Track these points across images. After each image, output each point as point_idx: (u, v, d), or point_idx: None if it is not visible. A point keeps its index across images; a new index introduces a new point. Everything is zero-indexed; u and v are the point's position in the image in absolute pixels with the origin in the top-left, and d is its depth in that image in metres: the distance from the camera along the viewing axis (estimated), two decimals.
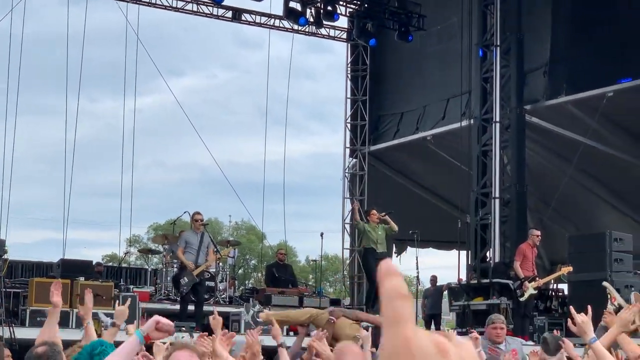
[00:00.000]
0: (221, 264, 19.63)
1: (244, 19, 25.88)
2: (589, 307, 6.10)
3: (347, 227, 27.05)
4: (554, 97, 21.80)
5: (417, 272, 20.11)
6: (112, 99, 79.88)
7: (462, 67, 22.04)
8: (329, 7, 24.28)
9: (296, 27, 25.72)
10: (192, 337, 14.50)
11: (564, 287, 20.28)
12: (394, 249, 26.47)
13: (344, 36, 27.74)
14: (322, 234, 20.50)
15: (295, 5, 24.09)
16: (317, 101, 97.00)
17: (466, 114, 22.50)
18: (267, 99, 26.94)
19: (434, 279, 24.23)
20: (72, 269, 17.29)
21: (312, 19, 24.82)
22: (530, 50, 21.65)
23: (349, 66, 27.86)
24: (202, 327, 14.85)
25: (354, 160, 27.49)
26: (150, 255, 25.51)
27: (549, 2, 22.22)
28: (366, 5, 25.23)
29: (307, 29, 26.42)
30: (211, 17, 25.45)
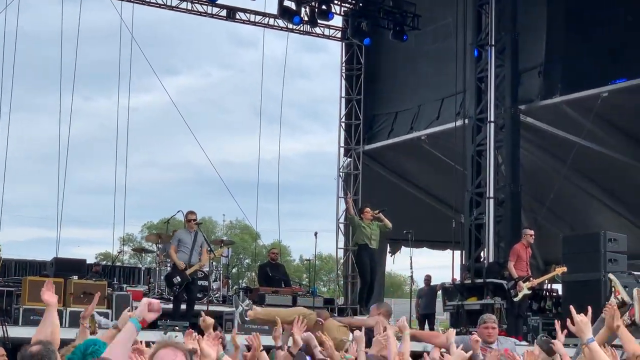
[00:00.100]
0: (215, 263, 19.60)
1: (238, 17, 25.85)
2: (589, 308, 6.09)
3: (342, 226, 27.01)
4: (549, 97, 21.79)
5: (411, 272, 20.09)
6: (107, 97, 79.91)
7: (457, 67, 22.02)
8: (324, 6, 24.24)
9: (291, 26, 25.70)
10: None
11: (558, 287, 20.28)
12: (388, 248, 26.46)
13: (339, 35, 27.72)
14: (316, 234, 20.42)
15: (289, 4, 24.07)
16: (312, 100, 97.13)
17: (461, 113, 22.48)
18: (262, 98, 26.92)
19: (428, 279, 24.24)
20: (65, 267, 17.25)
21: (306, 18, 24.81)
22: (525, 50, 21.64)
23: (344, 65, 27.82)
24: (198, 329, 14.78)
25: (349, 159, 27.46)
26: (143, 254, 25.47)
27: (544, 2, 22.21)
28: (361, 4, 25.20)
29: (301, 28, 26.40)
30: (205, 16, 25.43)
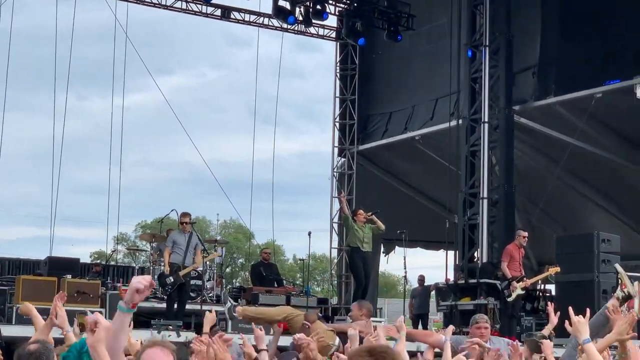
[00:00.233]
0: (208, 263, 19.59)
1: (232, 17, 25.84)
2: (588, 310, 6.12)
3: (336, 226, 27.02)
4: (543, 98, 21.81)
5: (405, 272, 20.13)
6: (101, 96, 79.77)
7: (451, 67, 22.04)
8: (318, 6, 24.24)
9: (285, 25, 25.69)
10: (179, 335, 14.49)
11: (552, 287, 20.30)
12: (382, 248, 26.46)
13: (333, 35, 27.72)
14: (309, 233, 20.44)
15: (284, 3, 24.06)
16: (306, 100, 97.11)
17: (455, 114, 22.50)
18: (256, 97, 26.91)
19: (421, 279, 24.26)
20: (59, 266, 17.27)
21: (301, 18, 24.80)
22: (519, 51, 21.66)
23: (338, 65, 27.83)
24: (197, 329, 14.84)
25: (343, 159, 27.46)
26: (137, 253, 25.47)
27: (538, 3, 22.23)
28: (355, 4, 25.20)
29: (296, 28, 26.40)
30: (200, 15, 25.42)
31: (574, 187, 24.01)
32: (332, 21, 26.77)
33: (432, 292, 23.40)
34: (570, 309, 6.09)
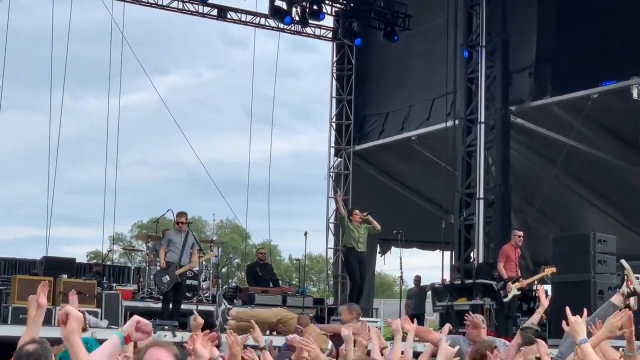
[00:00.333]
0: (204, 263, 19.61)
1: (229, 17, 25.82)
2: (585, 310, 6.12)
3: (332, 226, 27.01)
4: (539, 98, 21.81)
5: (401, 272, 20.13)
6: (97, 96, 79.76)
7: (448, 68, 22.03)
8: (315, 6, 24.22)
9: (282, 25, 25.68)
10: (174, 335, 14.47)
11: (548, 288, 20.30)
12: (378, 248, 26.46)
13: (330, 35, 27.71)
14: (306, 233, 20.45)
15: (280, 3, 24.04)
16: (302, 100, 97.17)
17: (451, 114, 22.49)
18: (252, 97, 26.90)
19: (417, 279, 24.24)
20: (55, 266, 17.26)
21: (297, 18, 24.77)
22: (515, 51, 21.66)
23: (335, 65, 27.81)
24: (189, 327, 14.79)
25: (339, 159, 27.45)
26: (133, 253, 25.45)
27: (535, 4, 22.24)
28: (352, 4, 25.19)
29: (292, 28, 26.39)
30: (196, 15, 25.41)
31: (570, 188, 24.01)
32: (328, 21, 26.77)
33: (428, 293, 23.41)
34: (567, 308, 6.08)
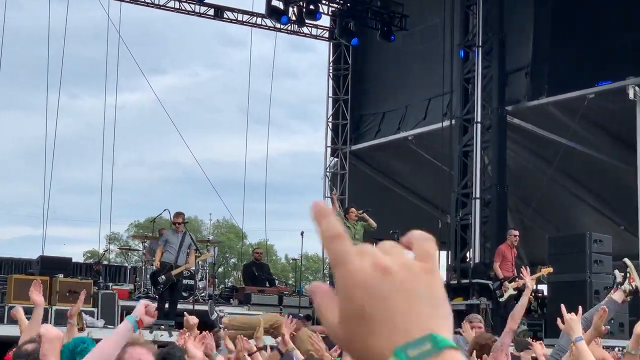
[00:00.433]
0: (201, 263, 19.61)
1: (226, 16, 25.83)
2: (580, 308, 6.14)
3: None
4: (536, 98, 21.83)
5: None
6: (94, 96, 79.61)
7: (444, 68, 22.05)
8: (312, 6, 24.24)
9: (278, 25, 25.68)
10: (170, 335, 14.48)
11: (544, 288, 20.33)
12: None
13: (326, 35, 27.72)
14: (302, 233, 20.46)
15: (277, 3, 24.05)
16: (299, 100, 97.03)
17: (447, 114, 22.52)
18: (249, 97, 26.89)
19: None
20: (51, 265, 17.25)
21: (294, 18, 24.80)
22: (512, 51, 21.69)
23: (331, 65, 27.83)
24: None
25: (335, 159, 27.47)
26: (129, 253, 25.43)
27: (531, 4, 22.26)
28: (348, 4, 25.21)
29: (289, 28, 26.39)
30: (193, 15, 25.40)
31: (566, 188, 24.04)
32: (325, 21, 26.79)
33: None
34: (562, 306, 6.11)
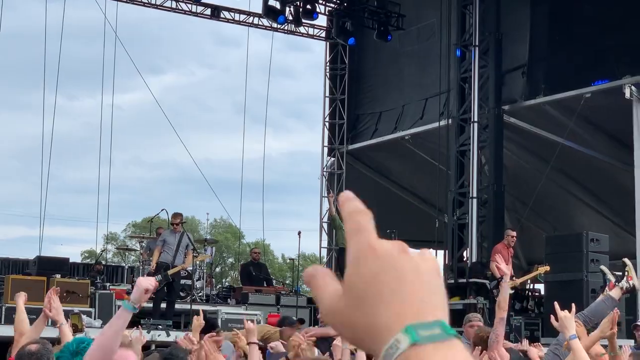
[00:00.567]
0: (198, 263, 19.61)
1: (222, 16, 25.82)
2: (573, 305, 6.15)
3: (325, 225, 27.03)
4: (532, 98, 21.84)
5: None
6: (91, 96, 79.62)
7: (441, 67, 22.07)
8: (308, 6, 24.24)
9: (275, 25, 25.68)
10: (168, 335, 14.49)
11: (541, 287, 20.35)
12: None
13: (323, 35, 27.72)
14: (299, 233, 20.48)
15: (274, 3, 24.05)
16: (296, 100, 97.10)
17: (444, 113, 22.53)
18: (246, 97, 26.88)
19: None
20: (48, 266, 17.28)
21: (291, 18, 24.79)
22: (508, 50, 21.71)
23: (328, 65, 27.82)
24: (186, 328, 14.81)
25: (332, 159, 27.45)
26: (127, 252, 25.42)
27: (528, 3, 22.26)
28: (345, 4, 25.22)
29: (286, 28, 26.39)
30: (190, 15, 25.40)
31: (563, 187, 24.07)
32: (322, 21, 26.78)
33: None
34: (556, 304, 6.11)
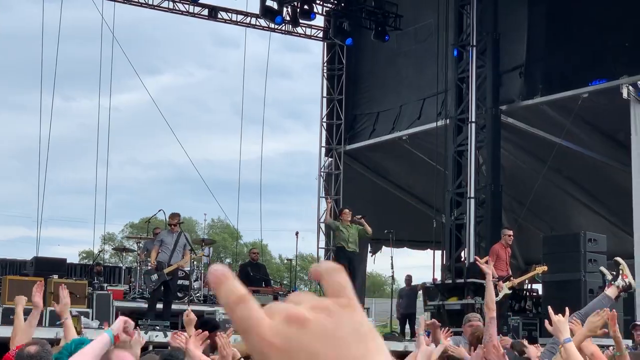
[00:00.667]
0: (195, 263, 19.60)
1: (220, 17, 25.80)
2: (567, 309, 6.13)
3: (322, 226, 27.01)
4: (530, 98, 21.84)
5: (392, 272, 20.16)
6: (88, 97, 79.67)
7: (438, 67, 22.06)
8: (306, 6, 24.22)
9: (273, 25, 25.66)
10: (166, 335, 14.47)
11: (539, 287, 20.35)
12: (369, 248, 26.47)
13: (321, 35, 27.69)
14: (297, 233, 20.49)
15: (271, 3, 24.03)
16: (293, 100, 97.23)
17: (442, 113, 22.53)
18: (243, 97, 26.90)
19: (408, 279, 24.26)
20: (45, 266, 17.26)
21: (288, 18, 24.77)
22: (506, 51, 21.70)
23: (325, 65, 27.80)
24: (183, 329, 14.72)
25: (330, 159, 27.43)
26: (124, 253, 25.39)
27: (525, 4, 22.26)
28: (343, 4, 25.20)
29: (283, 28, 26.37)
30: (187, 15, 25.37)
31: (560, 187, 24.07)
32: (319, 21, 26.76)
33: (419, 292, 23.43)
34: (549, 308, 6.10)
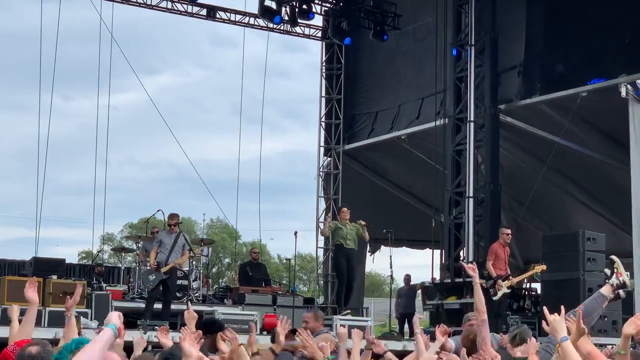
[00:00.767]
0: (194, 263, 19.59)
1: (218, 16, 25.78)
2: (562, 308, 6.12)
3: (321, 225, 27.00)
4: (528, 97, 21.82)
5: (391, 271, 20.16)
6: (86, 97, 79.71)
7: (437, 67, 22.06)
8: (304, 6, 24.18)
9: (271, 25, 25.65)
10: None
11: (538, 286, 20.35)
12: (368, 247, 26.45)
13: (319, 35, 27.68)
14: (296, 233, 20.46)
15: (270, 3, 24.01)
16: (292, 100, 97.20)
17: (440, 113, 22.53)
18: (242, 97, 26.87)
19: (407, 278, 24.28)
20: (44, 267, 17.24)
21: (287, 18, 24.75)
22: (504, 50, 21.69)
23: (324, 65, 27.78)
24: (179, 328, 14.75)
25: (328, 159, 27.41)
26: (123, 253, 25.38)
27: (524, 3, 22.25)
28: (341, 4, 25.18)
29: (282, 28, 26.36)
30: (185, 15, 25.35)
31: (559, 186, 24.07)
32: (318, 21, 26.75)
33: (418, 292, 23.44)
34: (545, 308, 6.09)
